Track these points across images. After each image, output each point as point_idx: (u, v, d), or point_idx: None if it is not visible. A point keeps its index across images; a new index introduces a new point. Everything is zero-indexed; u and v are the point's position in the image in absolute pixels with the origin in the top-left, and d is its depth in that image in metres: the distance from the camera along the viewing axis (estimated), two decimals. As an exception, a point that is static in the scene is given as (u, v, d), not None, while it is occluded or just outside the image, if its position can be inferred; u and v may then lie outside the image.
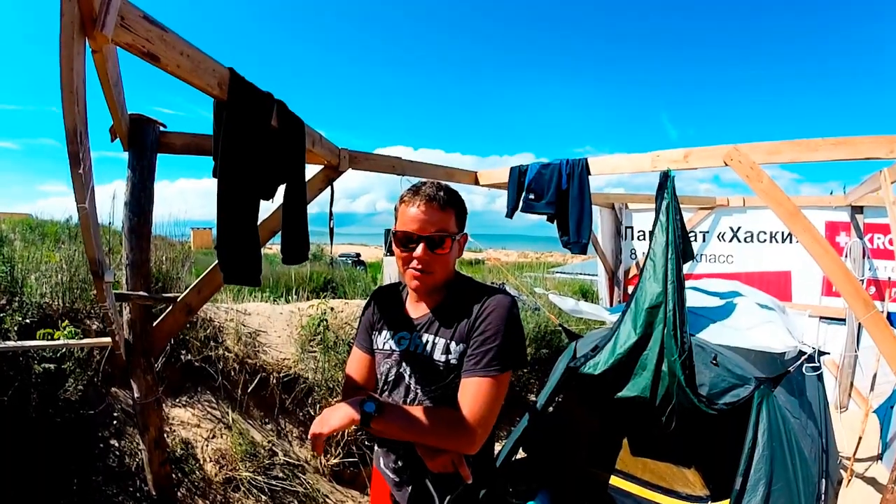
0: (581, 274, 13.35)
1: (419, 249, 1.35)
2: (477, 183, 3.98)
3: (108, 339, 2.65)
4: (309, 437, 1.31)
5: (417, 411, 1.31)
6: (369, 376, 1.55)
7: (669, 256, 2.55)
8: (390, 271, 11.57)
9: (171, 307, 2.50)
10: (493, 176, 3.91)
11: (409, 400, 1.44)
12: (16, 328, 2.73)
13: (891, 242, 4.65)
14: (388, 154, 3.36)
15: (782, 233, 5.25)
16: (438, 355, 1.39)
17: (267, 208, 2.40)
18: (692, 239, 5.51)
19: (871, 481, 3.35)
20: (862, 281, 4.56)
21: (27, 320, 2.84)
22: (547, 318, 5.74)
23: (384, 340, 1.52)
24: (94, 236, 1.61)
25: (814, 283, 5.06)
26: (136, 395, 2.47)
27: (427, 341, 1.42)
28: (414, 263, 1.37)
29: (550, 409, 3.23)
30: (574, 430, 3.60)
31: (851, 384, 4.80)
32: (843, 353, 4.74)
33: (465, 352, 1.35)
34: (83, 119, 1.30)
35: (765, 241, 5.37)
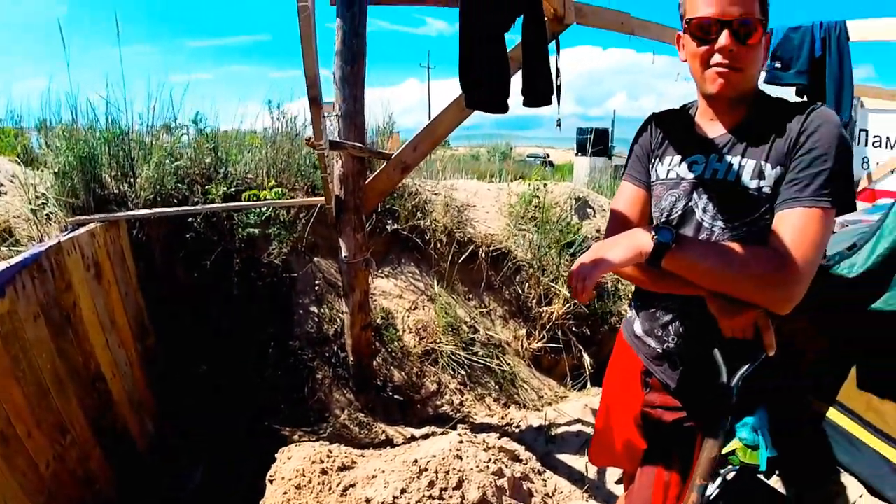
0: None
1: (724, 37, 1.03)
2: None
3: (318, 199, 2.57)
4: (571, 277, 1.01)
5: (727, 247, 1.02)
6: (643, 215, 1.25)
7: None
8: (580, 172, 11.21)
9: (385, 164, 2.39)
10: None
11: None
12: (221, 195, 2.85)
13: None
14: (616, 10, 3.02)
15: None
16: (748, 180, 1.07)
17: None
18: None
19: None
20: None
21: (232, 190, 2.96)
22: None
23: (668, 168, 1.21)
24: (313, 50, 1.38)
25: None
26: (343, 254, 2.41)
27: (731, 164, 1.10)
28: (717, 58, 1.06)
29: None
30: (798, 349, 2.93)
31: None
32: None
33: (782, 177, 1.03)
34: None
35: None
